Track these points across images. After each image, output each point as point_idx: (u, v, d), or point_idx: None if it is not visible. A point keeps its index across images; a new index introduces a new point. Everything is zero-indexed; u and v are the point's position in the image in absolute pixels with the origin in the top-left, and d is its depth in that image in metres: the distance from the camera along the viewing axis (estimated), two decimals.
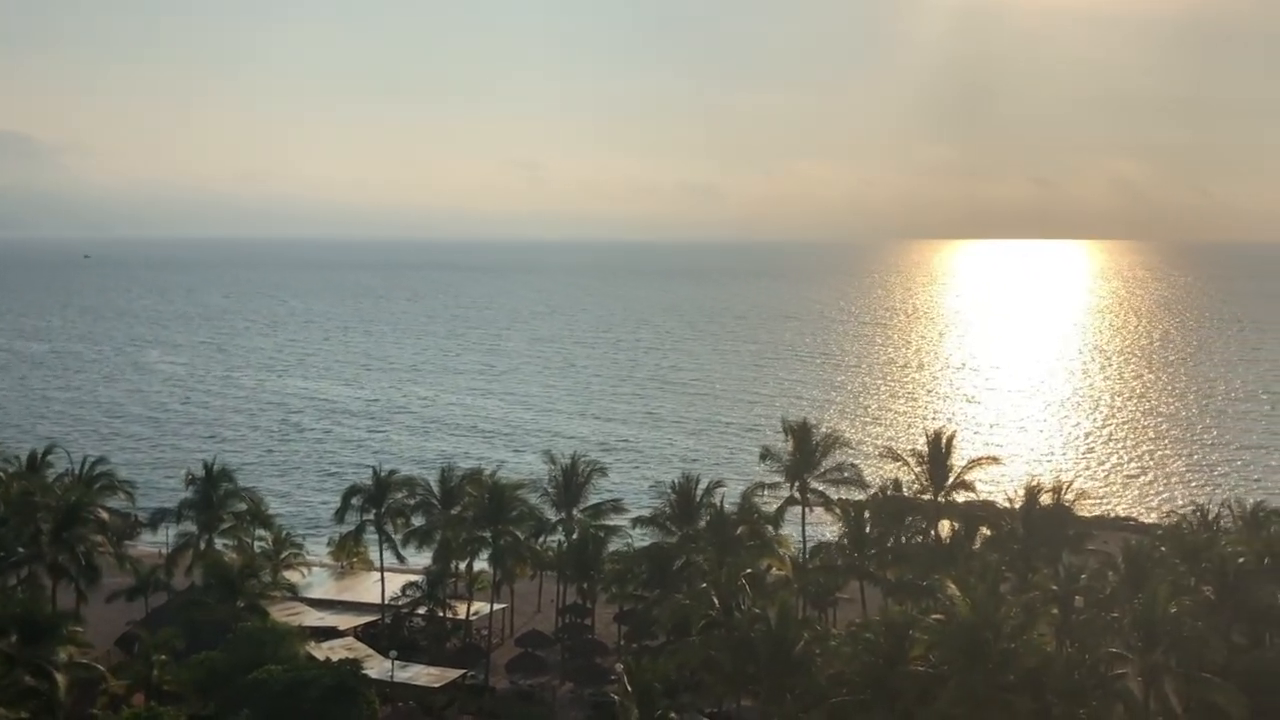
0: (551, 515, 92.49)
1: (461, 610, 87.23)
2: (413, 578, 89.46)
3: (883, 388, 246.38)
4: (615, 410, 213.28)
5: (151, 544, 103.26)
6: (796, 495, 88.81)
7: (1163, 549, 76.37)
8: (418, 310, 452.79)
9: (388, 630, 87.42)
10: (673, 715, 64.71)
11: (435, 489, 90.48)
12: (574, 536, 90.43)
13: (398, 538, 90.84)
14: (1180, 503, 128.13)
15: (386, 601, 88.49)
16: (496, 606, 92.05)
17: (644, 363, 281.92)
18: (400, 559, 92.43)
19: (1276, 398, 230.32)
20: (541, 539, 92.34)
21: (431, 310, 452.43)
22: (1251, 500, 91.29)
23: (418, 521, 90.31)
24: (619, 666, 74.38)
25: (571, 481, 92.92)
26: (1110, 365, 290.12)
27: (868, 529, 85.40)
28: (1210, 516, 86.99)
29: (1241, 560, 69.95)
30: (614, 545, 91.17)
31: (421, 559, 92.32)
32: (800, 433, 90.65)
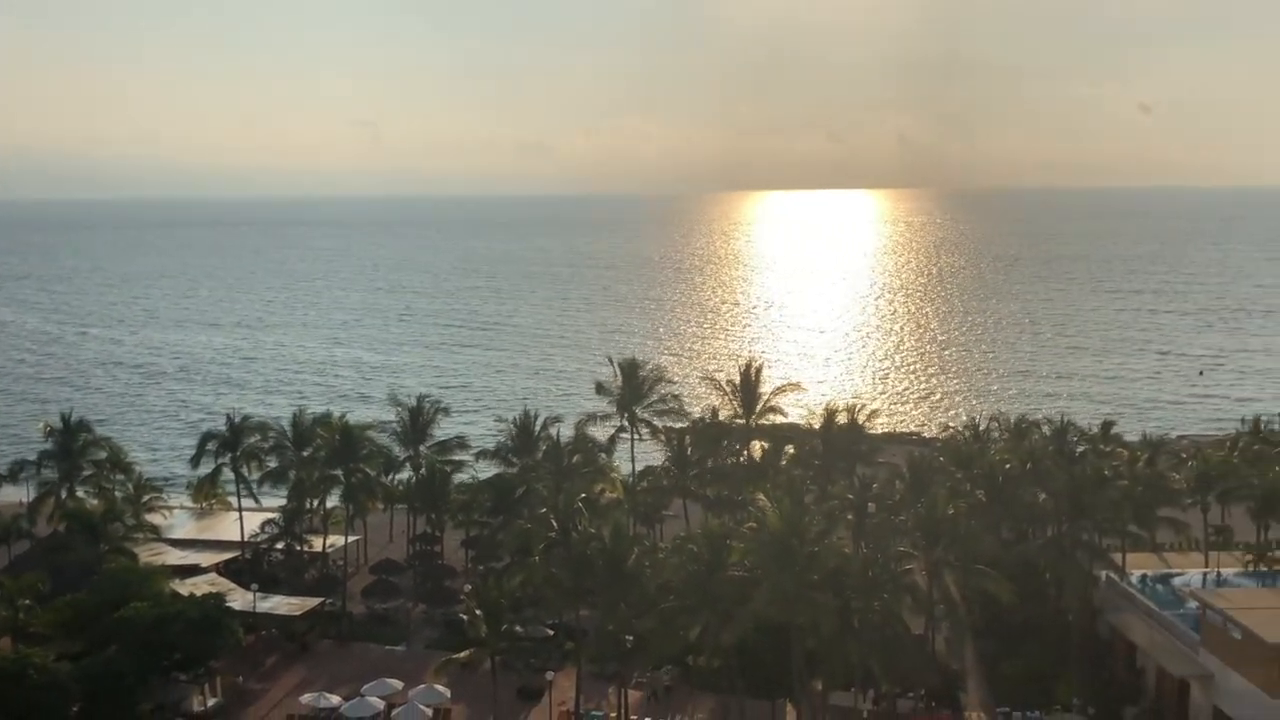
0: (400, 453, 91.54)
1: (318, 544, 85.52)
2: (270, 516, 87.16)
3: (701, 327, 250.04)
4: (457, 356, 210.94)
5: (12, 494, 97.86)
6: (626, 425, 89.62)
7: (941, 459, 79.63)
8: (264, 265, 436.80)
9: (249, 565, 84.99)
10: (517, 628, 65.14)
11: (289, 432, 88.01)
12: (422, 471, 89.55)
13: (254, 479, 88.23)
14: (955, 418, 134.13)
15: (246, 539, 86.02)
16: (351, 539, 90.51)
17: (482, 311, 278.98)
18: (256, 500, 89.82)
19: (1036, 325, 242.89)
20: (391, 475, 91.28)
21: (278, 265, 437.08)
22: (1015, 414, 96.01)
23: (272, 464, 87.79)
24: (467, 587, 74.35)
25: (417, 420, 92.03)
26: (896, 301, 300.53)
27: (689, 452, 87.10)
28: (981, 429, 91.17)
29: (1008, 466, 73.34)
30: (460, 478, 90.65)
31: (278, 498, 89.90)
32: (629, 368, 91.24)
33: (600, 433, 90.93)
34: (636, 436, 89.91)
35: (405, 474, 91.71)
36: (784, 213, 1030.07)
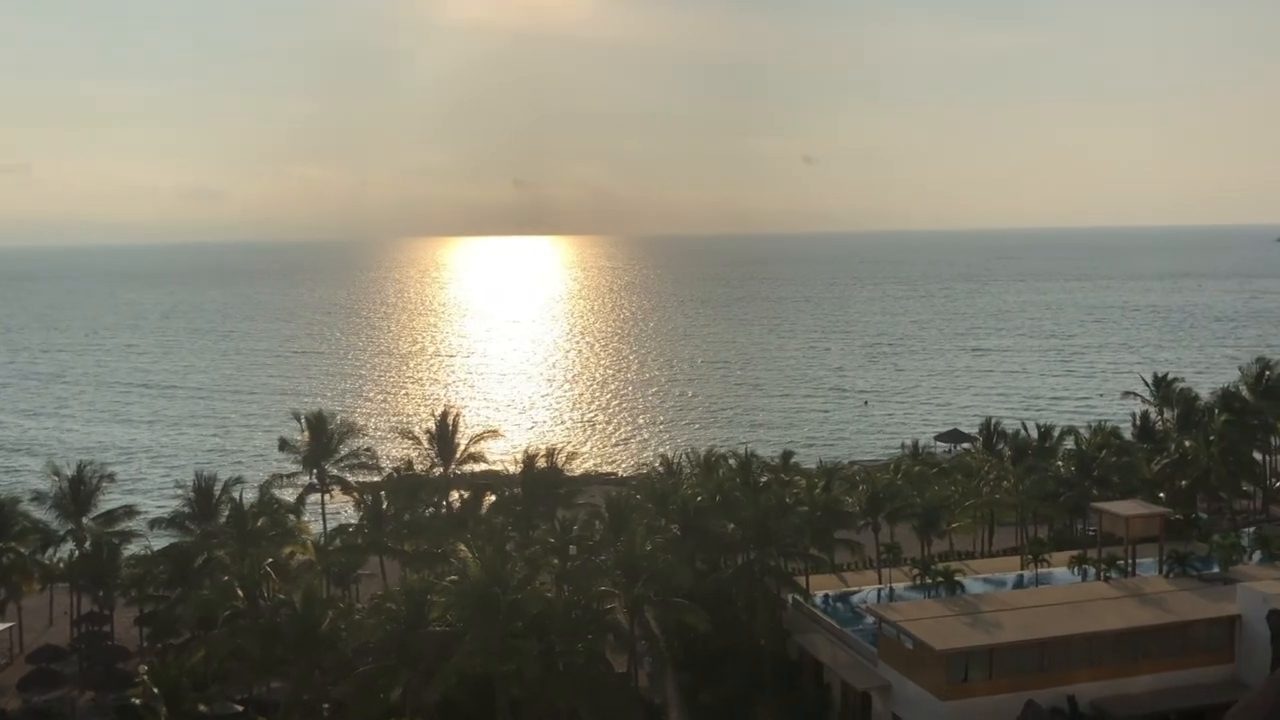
0: (60, 527, 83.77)
1: None
2: None
3: (393, 376, 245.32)
4: (123, 419, 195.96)
5: None
6: (315, 482, 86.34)
7: (638, 497, 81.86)
8: None
9: None
10: (202, 707, 60.91)
11: None
12: (86, 545, 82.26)
13: None
14: (650, 456, 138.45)
15: None
16: (2, 626, 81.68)
17: (151, 370, 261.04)
18: None
19: (719, 363, 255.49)
20: (50, 552, 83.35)
21: None
22: (705, 448, 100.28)
23: None
24: (143, 668, 68.75)
25: (79, 490, 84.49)
26: (589, 345, 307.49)
27: (385, 507, 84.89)
28: (674, 465, 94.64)
29: (699, 499, 76.35)
30: (131, 549, 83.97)
31: None
32: (316, 423, 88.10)
33: (288, 493, 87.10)
34: (327, 494, 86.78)
35: (67, 549, 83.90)
36: (474, 259, 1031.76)
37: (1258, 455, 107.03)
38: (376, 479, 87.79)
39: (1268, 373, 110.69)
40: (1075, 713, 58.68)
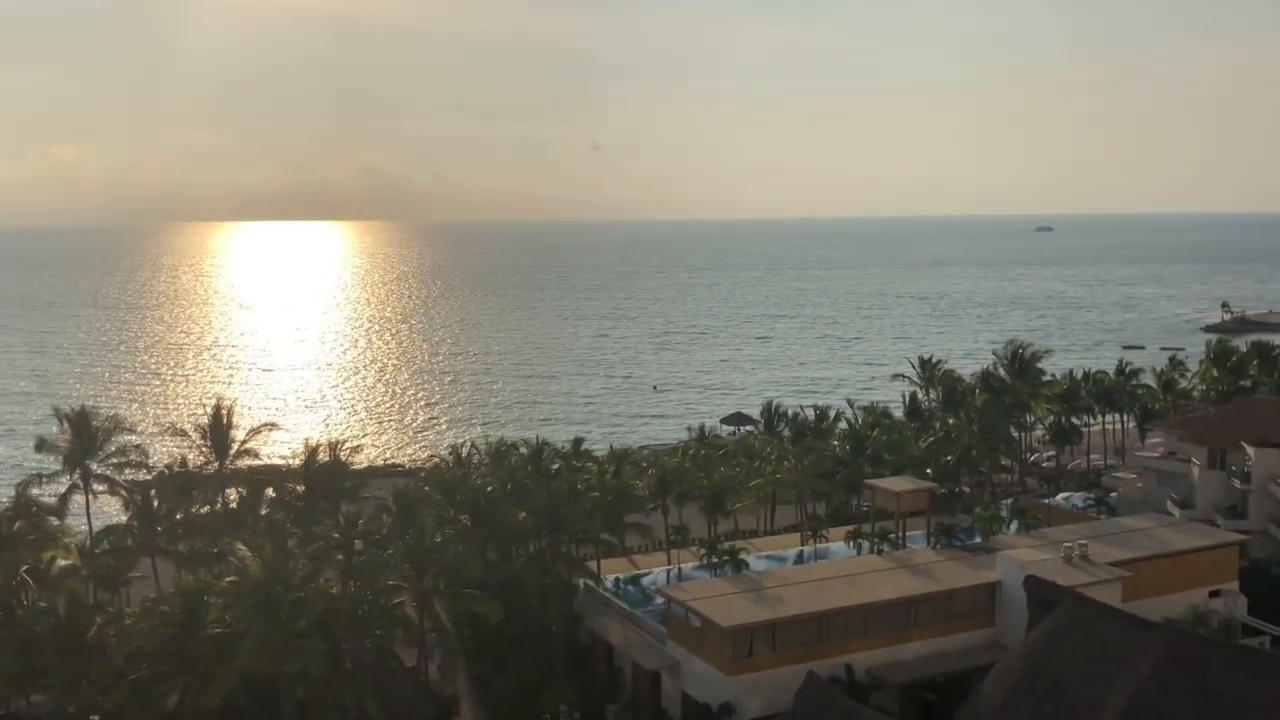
0: None
1: None
2: None
3: (164, 370, 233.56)
4: None
5: None
6: (79, 483, 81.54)
7: (427, 488, 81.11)
8: None
9: None
10: None
11: None
12: None
13: None
14: (440, 447, 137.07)
15: None
16: None
17: None
18: None
19: (510, 351, 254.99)
20: None
21: None
22: (495, 438, 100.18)
23: None
24: None
25: None
26: (371, 334, 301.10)
27: (156, 506, 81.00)
28: (464, 455, 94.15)
29: (490, 489, 76.28)
30: None
31: None
32: (78, 420, 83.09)
33: (49, 494, 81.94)
34: (92, 495, 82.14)
35: None
36: (250, 245, 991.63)
37: (1015, 431, 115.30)
38: (147, 477, 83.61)
39: (1022, 353, 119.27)
40: (852, 681, 61.95)
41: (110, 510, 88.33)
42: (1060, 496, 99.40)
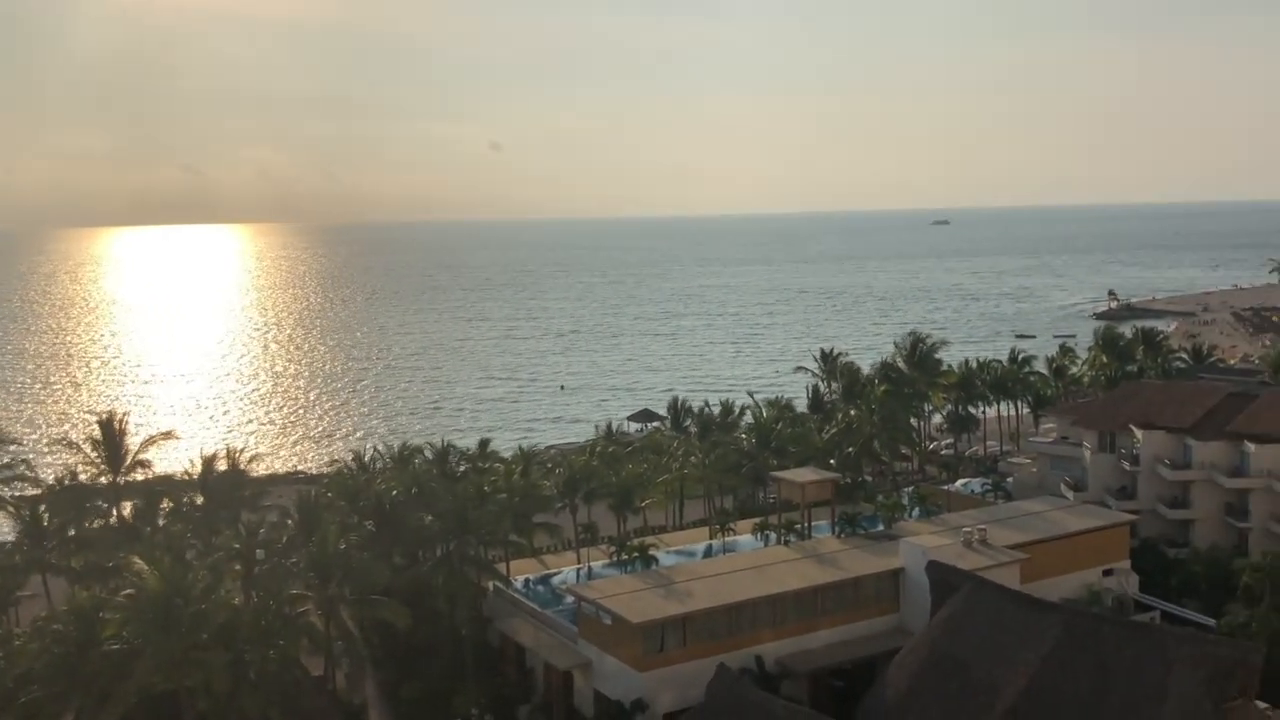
0: None
1: None
2: None
3: (52, 381, 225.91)
4: None
5: None
6: None
7: (330, 494, 79.75)
8: None
9: None
10: None
11: None
12: None
13: None
14: (343, 452, 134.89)
15: None
16: None
17: None
18: None
19: (413, 354, 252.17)
20: None
21: None
22: (399, 442, 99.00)
23: None
24: None
25: None
26: (269, 339, 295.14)
27: (46, 521, 78.34)
28: (367, 460, 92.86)
29: (395, 494, 75.46)
30: None
31: None
32: None
33: None
34: None
35: None
36: (139, 250, 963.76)
37: (914, 421, 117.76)
38: (36, 492, 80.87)
39: (920, 345, 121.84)
40: (763, 671, 62.69)
41: None
42: (959, 483, 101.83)
